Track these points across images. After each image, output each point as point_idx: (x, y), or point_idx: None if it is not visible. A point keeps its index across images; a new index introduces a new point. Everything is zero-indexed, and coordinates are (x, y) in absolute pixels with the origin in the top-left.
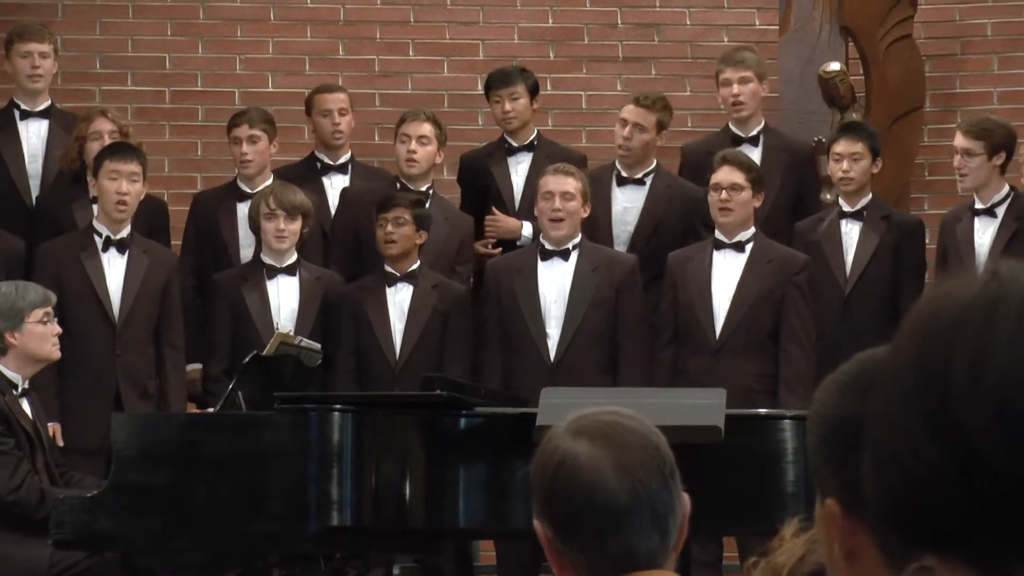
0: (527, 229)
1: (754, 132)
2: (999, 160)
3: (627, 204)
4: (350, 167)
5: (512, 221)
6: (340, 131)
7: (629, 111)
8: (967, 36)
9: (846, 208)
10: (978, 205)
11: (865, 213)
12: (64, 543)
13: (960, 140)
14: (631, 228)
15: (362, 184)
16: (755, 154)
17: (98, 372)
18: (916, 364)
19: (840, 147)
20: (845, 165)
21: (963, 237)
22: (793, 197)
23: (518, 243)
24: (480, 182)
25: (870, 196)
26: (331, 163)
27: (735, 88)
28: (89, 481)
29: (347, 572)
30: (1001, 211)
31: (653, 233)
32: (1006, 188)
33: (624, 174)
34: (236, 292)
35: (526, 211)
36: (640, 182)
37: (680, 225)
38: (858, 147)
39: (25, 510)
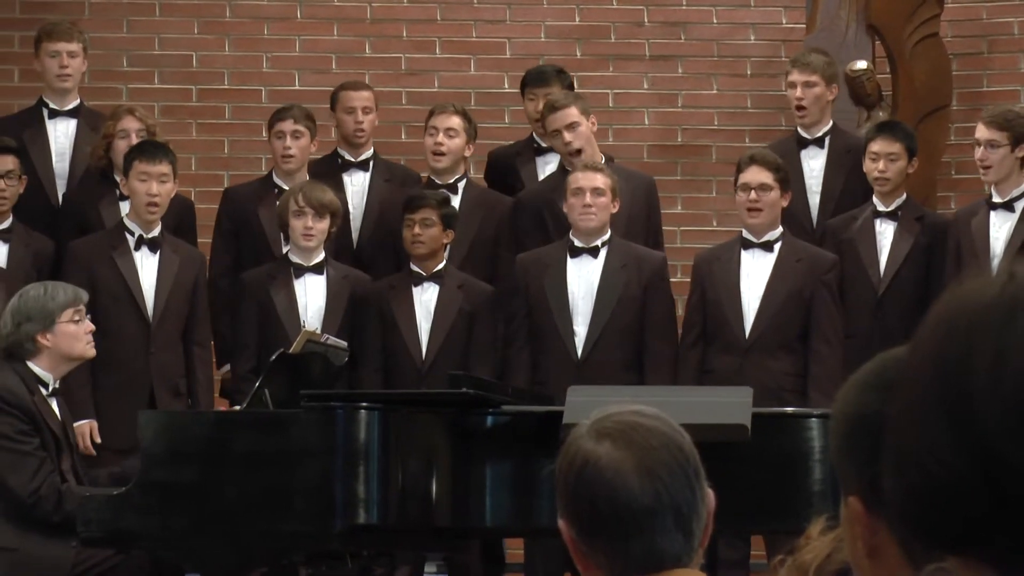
0: None
1: (820, 134)
2: (1021, 152)
3: None
4: (372, 164)
5: None
6: (362, 129)
7: (557, 118)
8: (994, 35)
9: (880, 208)
10: (996, 199)
11: (900, 213)
12: (91, 540)
13: (983, 131)
14: None
15: (391, 190)
16: (821, 157)
17: (132, 370)
18: (936, 365)
19: (877, 146)
20: (881, 165)
21: (978, 232)
22: (858, 199)
23: None
24: (507, 180)
25: (904, 196)
26: (352, 160)
27: (799, 91)
28: (116, 473)
29: (374, 570)
30: (1020, 206)
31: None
32: None
33: None
34: (263, 291)
35: None
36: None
37: (642, 215)
38: (895, 147)
39: (43, 512)
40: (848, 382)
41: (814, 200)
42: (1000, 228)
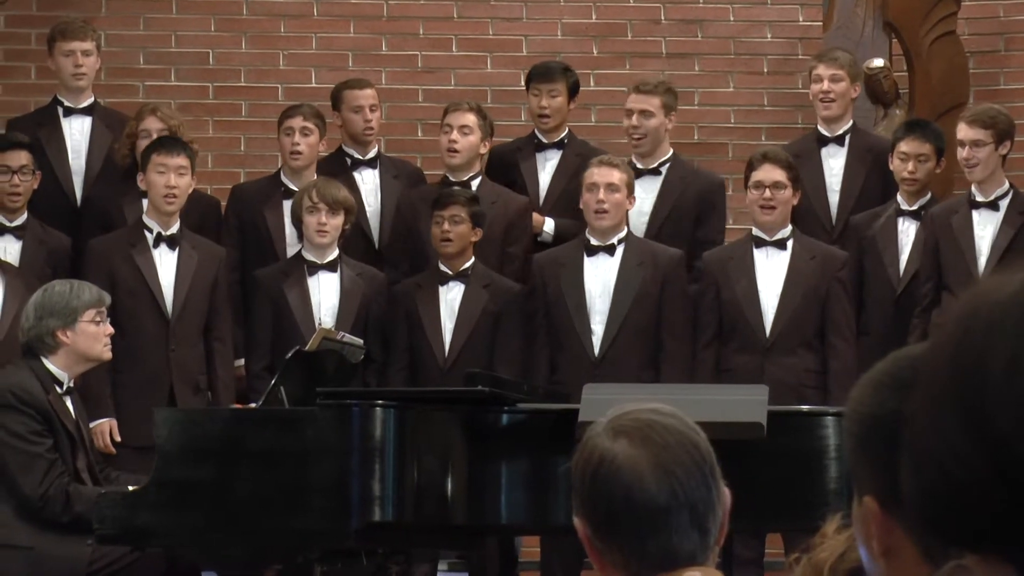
0: (548, 225)
1: (840, 132)
2: (1004, 149)
3: (642, 194)
4: (379, 162)
5: (535, 216)
6: (371, 127)
7: (632, 99)
8: (1011, 32)
9: (904, 207)
10: (978, 198)
11: (923, 213)
12: (106, 538)
13: (967, 131)
14: (646, 219)
15: (401, 187)
16: (842, 155)
17: (152, 367)
18: (953, 364)
19: (907, 147)
20: (911, 166)
21: (961, 231)
22: (878, 198)
23: (538, 238)
24: (508, 176)
25: (929, 196)
26: (360, 158)
27: (825, 84)
28: (126, 477)
29: (389, 568)
30: (1004, 205)
31: (664, 223)
32: (1007, 183)
33: (640, 165)
34: (277, 288)
35: (550, 207)
36: (656, 172)
37: (693, 213)
38: (926, 148)
39: (52, 514)
40: (861, 381)
41: (834, 199)
42: (985, 228)
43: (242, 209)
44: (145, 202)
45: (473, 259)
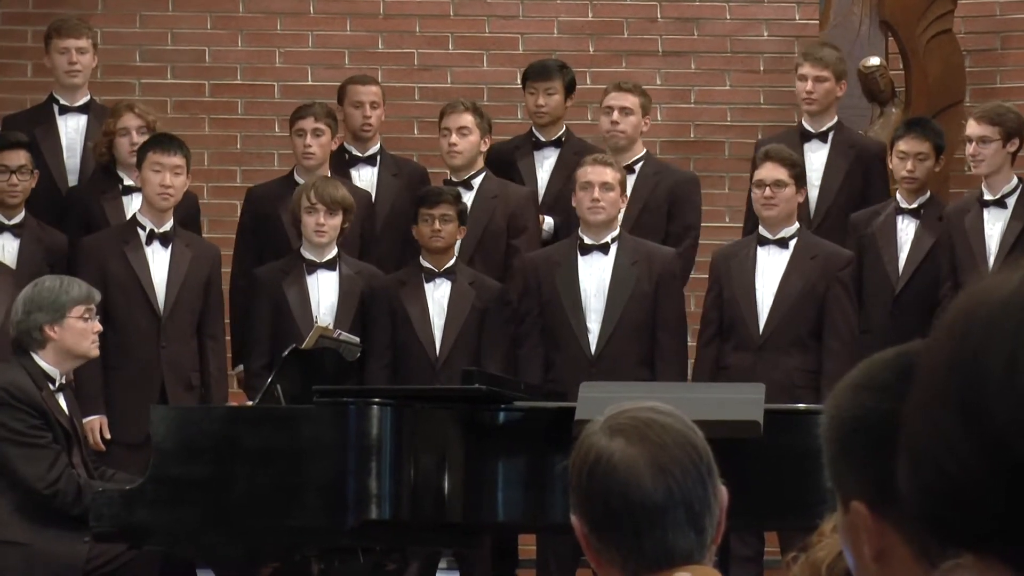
0: (548, 224)
1: (824, 128)
2: (1012, 147)
3: None
4: (379, 159)
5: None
6: (370, 124)
7: (614, 97)
8: (1007, 31)
9: (904, 204)
10: (987, 196)
11: (923, 211)
12: (103, 536)
13: (974, 127)
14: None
15: (399, 184)
16: (824, 150)
17: (143, 364)
18: (951, 362)
19: (906, 145)
20: (910, 165)
21: (972, 229)
22: (858, 195)
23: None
24: (506, 174)
25: (928, 194)
26: (359, 155)
27: (809, 84)
28: (121, 476)
29: (386, 566)
30: (1011, 202)
31: (637, 221)
32: (1015, 179)
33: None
34: (276, 287)
35: (549, 206)
36: (629, 170)
37: (664, 209)
38: (925, 147)
39: (63, 504)
40: (838, 387)
41: (813, 193)
42: (994, 226)
43: (256, 210)
44: (129, 198)
45: (456, 257)
